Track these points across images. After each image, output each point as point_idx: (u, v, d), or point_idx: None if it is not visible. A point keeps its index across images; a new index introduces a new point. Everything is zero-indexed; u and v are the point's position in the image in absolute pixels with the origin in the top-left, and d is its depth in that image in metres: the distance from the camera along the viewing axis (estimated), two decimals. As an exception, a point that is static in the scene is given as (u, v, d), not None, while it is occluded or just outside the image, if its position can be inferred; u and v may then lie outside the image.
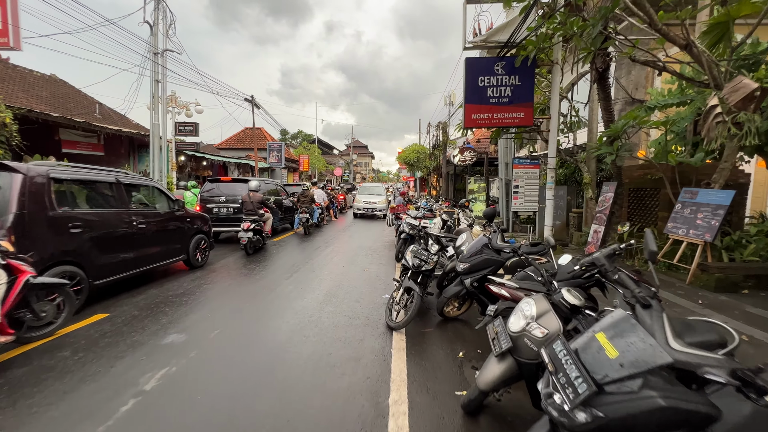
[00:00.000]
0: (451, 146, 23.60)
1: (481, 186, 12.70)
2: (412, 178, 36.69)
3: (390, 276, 6.41)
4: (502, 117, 8.05)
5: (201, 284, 5.46)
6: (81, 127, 10.53)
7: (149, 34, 12.11)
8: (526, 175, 8.42)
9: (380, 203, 16.57)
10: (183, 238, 6.10)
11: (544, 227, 8.84)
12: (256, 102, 18.56)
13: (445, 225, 8.15)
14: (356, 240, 10.21)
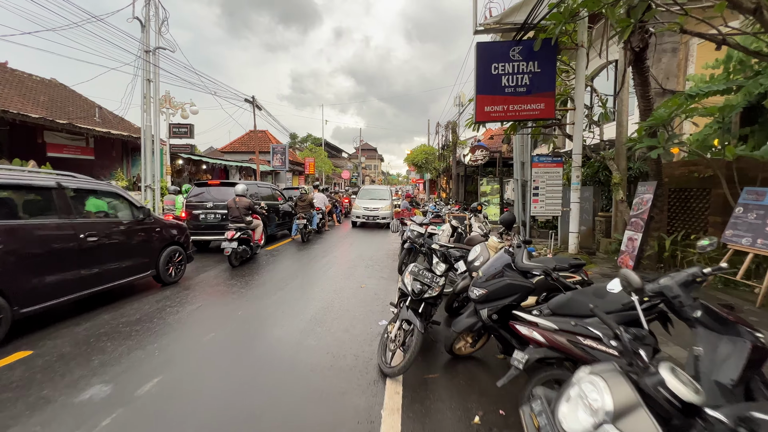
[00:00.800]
0: (461, 146, 22.60)
1: (495, 188, 11.68)
2: (421, 181, 35.69)
3: (391, 292, 5.49)
4: (519, 109, 7.08)
5: (164, 307, 4.62)
6: (65, 129, 9.92)
7: (140, 32, 11.51)
8: (547, 175, 7.41)
9: (384, 209, 13.68)
10: (151, 251, 5.29)
11: (568, 233, 7.82)
12: (257, 103, 17.90)
13: (455, 232, 7.19)
14: (357, 248, 9.31)
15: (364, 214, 13.63)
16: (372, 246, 9.67)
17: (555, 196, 7.41)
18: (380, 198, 14.63)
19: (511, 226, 5.54)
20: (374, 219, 13.39)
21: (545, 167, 7.37)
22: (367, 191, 15.52)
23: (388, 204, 14.07)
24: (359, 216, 13.74)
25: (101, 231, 4.43)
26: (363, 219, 13.61)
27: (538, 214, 7.53)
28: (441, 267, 3.48)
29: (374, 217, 13.42)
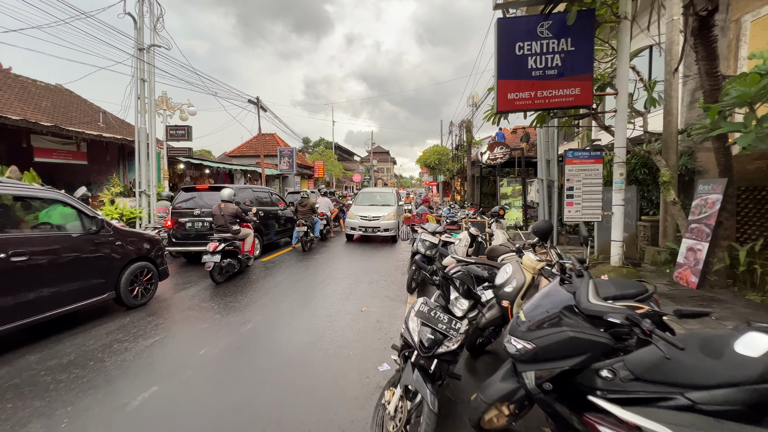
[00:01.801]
0: (476, 146, 21.40)
1: (516, 189, 10.51)
2: (435, 183, 34.53)
3: (396, 318, 4.45)
4: (549, 95, 5.96)
5: (113, 342, 3.71)
6: (50, 131, 9.30)
7: (134, 28, 10.87)
8: (583, 173, 6.25)
9: (387, 218, 10.43)
10: (108, 270, 4.41)
11: (607, 241, 6.62)
12: (262, 104, 17.18)
13: (475, 242, 6.11)
14: (362, 259, 8.30)
15: (361, 225, 10.52)
16: (379, 256, 8.65)
17: (593, 197, 6.25)
18: (383, 203, 11.55)
19: (547, 237, 4.43)
20: (374, 231, 10.42)
21: (582, 164, 6.22)
22: (368, 195, 12.34)
23: (393, 211, 10.79)
24: (354, 227, 10.61)
25: (33, 248, 3.56)
26: (358, 231, 10.55)
27: (573, 220, 6.36)
28: (462, 304, 2.43)
29: (374, 229, 10.41)
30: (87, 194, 6.44)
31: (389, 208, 11.02)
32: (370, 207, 11.20)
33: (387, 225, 10.41)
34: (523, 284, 3.21)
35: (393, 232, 10.51)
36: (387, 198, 11.93)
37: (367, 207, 11.23)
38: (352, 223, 10.63)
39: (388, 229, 10.44)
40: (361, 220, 10.52)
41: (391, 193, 12.27)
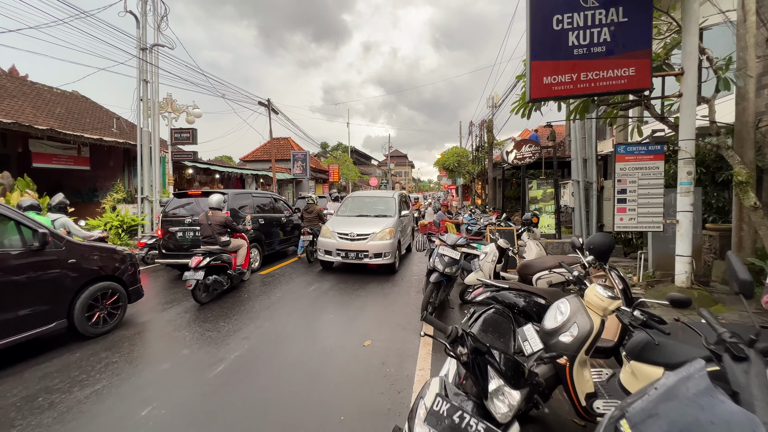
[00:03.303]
0: (498, 147, 20.16)
1: (548, 192, 9.33)
2: (454, 186, 33.29)
3: (407, 358, 3.48)
4: (595, 78, 4.87)
5: (36, 394, 2.89)
6: (46, 135, 8.87)
7: (136, 27, 10.43)
8: (639, 172, 5.10)
9: (379, 237, 6.97)
10: (56, 293, 3.64)
11: (666, 255, 5.42)
12: (273, 106, 16.61)
13: (504, 256, 5.06)
14: (372, 273, 7.35)
15: (339, 248, 6.96)
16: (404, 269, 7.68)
17: (652, 202, 5.08)
18: (378, 214, 7.91)
19: (607, 256, 3.37)
20: (359, 257, 6.86)
21: (637, 161, 5.07)
22: (357, 202, 8.65)
23: (390, 226, 7.15)
24: (329, 251, 7.08)
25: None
26: (337, 257, 7.00)
27: (627, 228, 5.21)
28: (511, 398, 1.43)
29: (359, 254, 6.86)
30: (64, 201, 5.79)
31: (385, 221, 7.33)
32: (356, 219, 7.63)
33: (379, 248, 6.76)
34: (588, 333, 2.18)
35: (390, 259, 6.86)
36: (384, 206, 8.17)
37: (352, 219, 7.66)
38: (327, 245, 7.04)
39: (382, 255, 6.76)
40: (339, 239, 6.90)
41: (392, 199, 8.31)
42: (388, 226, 7.13)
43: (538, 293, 3.42)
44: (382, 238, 6.89)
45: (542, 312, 3.34)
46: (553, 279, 4.46)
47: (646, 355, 2.21)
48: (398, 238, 7.37)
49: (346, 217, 7.94)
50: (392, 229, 7.09)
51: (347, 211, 8.34)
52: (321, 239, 7.24)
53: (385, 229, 7.02)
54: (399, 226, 7.58)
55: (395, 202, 8.22)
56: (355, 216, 7.96)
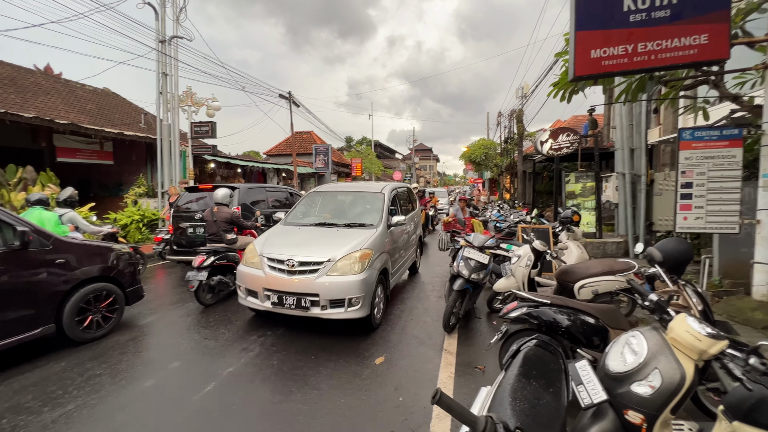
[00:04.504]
0: (529, 139, 19.01)
1: (587, 186, 8.41)
2: (480, 180, 32.12)
3: (424, 384, 2.93)
4: (657, 49, 4.03)
5: (1, 415, 2.58)
6: (68, 129, 8.90)
7: (155, 20, 10.32)
8: (710, 162, 4.23)
9: (341, 267, 3.76)
10: (43, 296, 3.35)
11: (754, 266, 4.49)
12: (295, 99, 16.32)
13: (540, 259, 4.37)
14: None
15: (270, 288, 3.84)
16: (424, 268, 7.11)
17: (727, 198, 4.21)
18: (352, 222, 4.72)
19: (683, 268, 2.67)
20: (301, 304, 3.72)
21: (708, 148, 4.21)
22: (324, 199, 5.65)
23: (365, 246, 4.01)
24: (254, 290, 3.97)
25: None
26: (266, 302, 3.88)
27: (692, 229, 4.37)
28: None
29: (301, 300, 3.72)
30: (74, 196, 5.62)
31: (359, 236, 4.21)
32: (310, 233, 4.52)
33: (339, 289, 3.71)
34: (678, 385, 1.54)
35: (359, 310, 3.75)
36: (365, 207, 5.13)
37: (303, 232, 4.55)
38: (249, 279, 4.00)
39: (344, 302, 3.71)
40: (269, 269, 3.89)
41: (378, 196, 5.09)
42: (361, 245, 3.92)
43: (587, 310, 2.77)
44: (346, 271, 3.69)
45: (591, 334, 2.71)
46: (600, 288, 3.76)
47: (762, 418, 1.55)
48: (383, 264, 4.20)
49: (294, 228, 4.62)
50: (368, 252, 3.88)
51: (302, 215, 5.06)
52: (241, 269, 4.05)
53: (354, 253, 3.80)
54: (385, 244, 4.37)
55: (383, 201, 4.86)
56: (311, 225, 4.69)
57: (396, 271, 4.98)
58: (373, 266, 3.97)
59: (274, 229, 4.77)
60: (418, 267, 6.88)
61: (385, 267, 4.34)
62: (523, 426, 1.14)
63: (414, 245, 6.31)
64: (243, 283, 4.05)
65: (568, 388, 1.71)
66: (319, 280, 3.70)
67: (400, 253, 5.19)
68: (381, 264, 4.20)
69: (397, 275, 5.05)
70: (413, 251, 6.26)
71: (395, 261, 4.91)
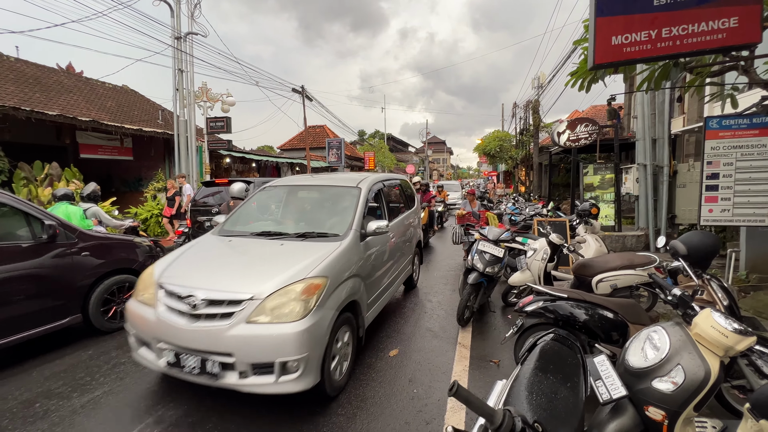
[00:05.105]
0: (546, 130, 18.60)
1: (607, 178, 8.19)
2: (495, 173, 31.69)
3: (439, 378, 2.94)
4: (683, 35, 3.85)
5: (32, 401, 2.71)
6: (89, 127, 9.17)
7: (170, 16, 10.46)
8: (738, 152, 4.06)
9: (272, 309, 2.37)
10: (69, 288, 3.49)
11: None
12: (308, 93, 16.36)
13: (557, 253, 4.30)
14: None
15: (166, 339, 2.45)
16: (437, 260, 7.10)
17: (757, 189, 4.04)
18: (307, 231, 3.25)
19: (708, 261, 2.58)
20: (206, 370, 2.36)
21: (737, 137, 4.04)
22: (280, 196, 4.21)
23: (319, 272, 2.58)
24: (146, 341, 2.59)
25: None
26: (161, 360, 2.47)
27: (718, 222, 4.22)
28: None
29: (205, 361, 2.35)
30: (96, 191, 5.80)
31: (313, 254, 2.80)
32: (243, 246, 3.20)
33: (266, 345, 2.31)
34: (702, 382, 1.50)
35: (299, 379, 2.34)
36: (334, 208, 3.74)
37: (233, 247, 3.21)
38: (140, 322, 2.63)
39: (274, 367, 2.31)
40: (164, 309, 2.53)
41: (353, 192, 3.68)
42: (307, 271, 2.59)
43: (605, 305, 2.72)
44: (279, 315, 2.39)
45: (610, 329, 2.66)
46: (619, 282, 3.68)
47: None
48: (350, 295, 2.87)
49: (224, 241, 3.32)
50: (316, 283, 2.54)
51: (245, 220, 3.75)
52: (130, 306, 2.76)
53: (293, 285, 2.48)
54: (355, 264, 3.06)
55: (358, 200, 3.52)
56: (251, 235, 3.34)
57: (377, 298, 3.51)
58: (326, 304, 2.53)
59: (199, 241, 3.40)
60: (417, 281, 5.44)
61: (353, 299, 2.90)
62: (541, 420, 1.13)
63: (410, 254, 4.84)
64: (132, 326, 2.66)
65: (586, 383, 1.68)
66: (235, 331, 2.28)
67: (384, 271, 3.71)
68: (346, 295, 2.76)
69: (378, 304, 3.58)
70: (408, 262, 4.72)
71: (375, 284, 3.44)
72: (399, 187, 5.19)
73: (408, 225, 4.88)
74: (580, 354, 1.86)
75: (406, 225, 4.79)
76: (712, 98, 5.67)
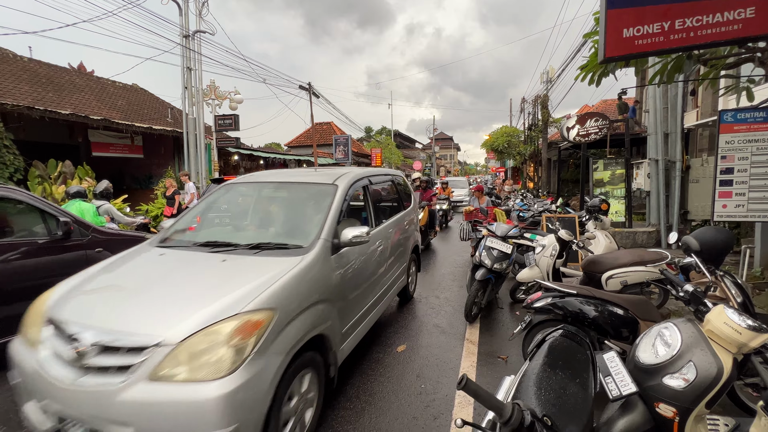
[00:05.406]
0: (555, 125, 18.38)
1: (617, 173, 8.08)
2: (503, 169, 31.45)
3: (447, 372, 2.95)
4: (697, 26, 3.75)
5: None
6: (101, 125, 9.33)
7: (178, 15, 10.55)
8: (754, 146, 3.98)
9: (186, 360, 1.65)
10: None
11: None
12: (314, 90, 16.39)
13: (566, 249, 4.26)
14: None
15: (46, 399, 1.75)
16: (444, 257, 7.09)
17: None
18: (261, 243, 2.52)
19: (722, 257, 2.54)
20: None
21: (751, 131, 3.95)
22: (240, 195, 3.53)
23: (263, 300, 1.89)
24: None
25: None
26: (42, 423, 1.76)
27: (732, 218, 4.15)
28: None
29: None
30: (109, 189, 5.91)
31: (262, 271, 2.15)
32: (179, 260, 2.47)
33: (169, 417, 1.61)
34: (714, 379, 1.49)
35: None
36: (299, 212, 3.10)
37: (164, 262, 2.44)
38: (19, 367, 1.93)
39: None
40: (46, 353, 1.83)
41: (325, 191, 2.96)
42: (246, 301, 1.86)
43: (615, 301, 2.70)
44: (196, 369, 1.66)
45: (620, 325, 2.64)
46: (630, 278, 3.64)
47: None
48: (312, 328, 2.17)
49: (157, 253, 2.59)
50: (257, 319, 1.82)
51: (195, 226, 3.14)
52: (13, 347, 2.01)
53: (220, 324, 1.74)
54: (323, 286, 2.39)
55: (332, 201, 2.80)
56: (194, 246, 2.65)
57: (356, 324, 2.80)
58: (271, 348, 1.84)
59: (125, 254, 2.63)
60: (413, 292, 4.74)
61: (319, 332, 2.22)
62: (550, 415, 1.13)
63: (404, 262, 4.15)
64: (17, 373, 1.95)
65: (595, 379, 1.67)
66: (133, 393, 1.62)
67: (366, 288, 3.01)
68: (306, 330, 2.08)
69: (360, 329, 2.89)
70: (401, 272, 4.05)
71: (353, 307, 2.76)
72: (391, 183, 4.49)
73: (402, 228, 4.18)
74: (590, 350, 1.85)
75: (400, 228, 4.09)
76: (727, 91, 5.56)
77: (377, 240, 3.30)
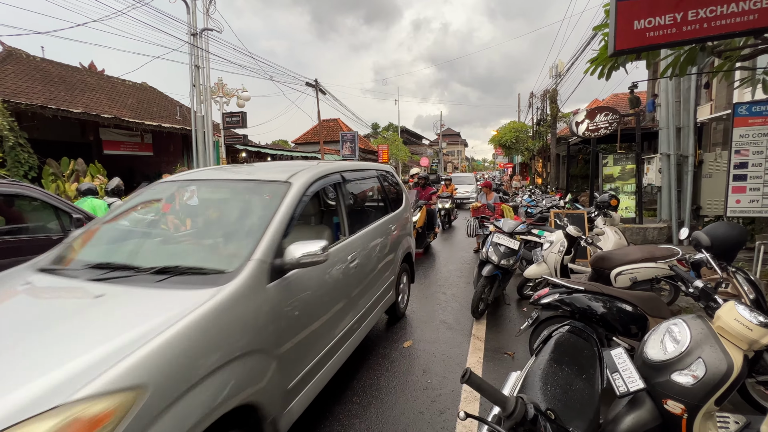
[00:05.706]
0: (564, 120, 18.14)
1: (627, 169, 7.95)
2: (510, 165, 31.16)
3: (453, 368, 2.95)
4: (710, 17, 3.66)
5: None
6: (111, 123, 9.48)
7: (186, 13, 10.62)
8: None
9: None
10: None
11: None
12: (321, 87, 16.39)
13: (574, 246, 4.22)
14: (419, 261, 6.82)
15: None
16: (450, 254, 7.08)
17: (787, 178, 3.86)
18: (173, 263, 1.80)
19: (734, 254, 2.50)
20: None
21: (766, 124, 3.86)
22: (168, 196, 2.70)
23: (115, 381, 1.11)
24: None
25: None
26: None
27: (746, 214, 4.06)
28: None
29: None
30: (120, 186, 6.00)
31: (142, 319, 1.38)
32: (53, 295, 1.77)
33: None
34: (724, 376, 1.47)
35: None
36: (235, 221, 2.31)
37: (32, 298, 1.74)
38: None
39: None
40: None
41: (276, 190, 2.20)
42: (96, 375, 1.11)
43: (624, 297, 2.67)
44: None
45: (629, 322, 2.61)
46: (639, 275, 3.60)
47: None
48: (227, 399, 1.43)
49: (18, 284, 1.81)
50: (105, 412, 1.06)
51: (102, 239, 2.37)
52: None
53: (34, 424, 0.98)
54: (252, 329, 1.66)
55: (279, 205, 2.03)
56: (80, 271, 1.87)
57: (311, 373, 2.09)
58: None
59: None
60: (404, 309, 4.06)
61: (247, 401, 1.57)
62: (555, 410, 1.13)
63: (391, 275, 3.49)
64: None
65: (602, 375, 1.66)
66: None
67: (330, 319, 2.34)
68: (211, 406, 1.37)
69: (321, 376, 2.21)
70: (388, 287, 3.41)
71: (307, 349, 2.08)
72: (376, 180, 3.68)
73: (388, 234, 3.42)
74: (597, 346, 1.84)
75: (385, 235, 3.33)
76: (742, 84, 5.41)
77: (350, 253, 2.59)
